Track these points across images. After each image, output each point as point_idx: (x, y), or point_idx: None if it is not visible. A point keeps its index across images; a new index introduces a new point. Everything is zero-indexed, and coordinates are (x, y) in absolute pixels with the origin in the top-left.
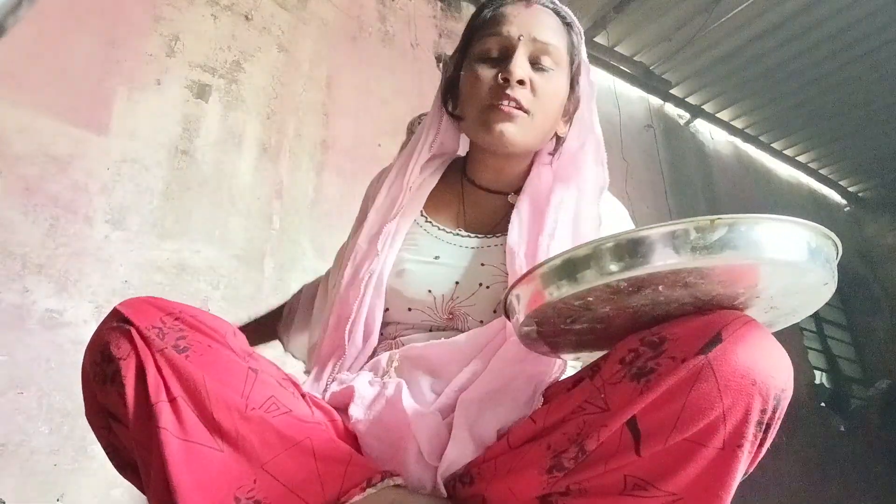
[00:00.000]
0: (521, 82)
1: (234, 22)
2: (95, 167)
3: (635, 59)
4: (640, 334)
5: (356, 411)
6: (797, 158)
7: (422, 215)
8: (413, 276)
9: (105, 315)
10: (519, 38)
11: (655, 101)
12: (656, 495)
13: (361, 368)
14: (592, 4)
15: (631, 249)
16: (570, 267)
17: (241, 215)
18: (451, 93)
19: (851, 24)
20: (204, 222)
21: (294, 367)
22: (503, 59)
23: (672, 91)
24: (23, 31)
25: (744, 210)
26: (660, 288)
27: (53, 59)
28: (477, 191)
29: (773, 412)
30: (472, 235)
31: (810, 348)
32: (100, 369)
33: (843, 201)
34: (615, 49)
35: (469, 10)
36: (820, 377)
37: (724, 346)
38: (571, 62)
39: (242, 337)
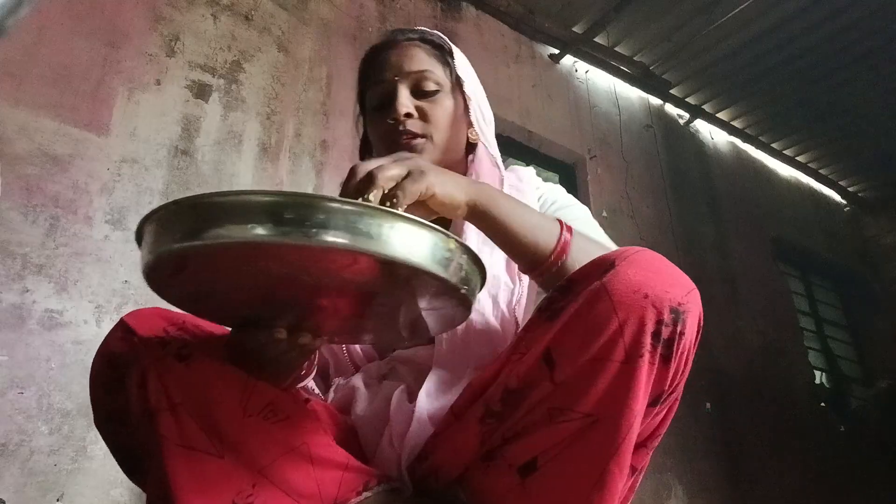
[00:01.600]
0: (408, 115)
1: (234, 22)
2: (95, 167)
3: (635, 59)
4: (557, 286)
5: (358, 406)
6: (797, 158)
7: None
8: None
9: (105, 315)
10: (395, 79)
11: (655, 101)
12: (574, 418)
13: (356, 372)
14: (592, 4)
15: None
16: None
17: None
18: (368, 148)
19: (851, 24)
20: None
21: None
22: (389, 102)
23: (672, 91)
24: (23, 31)
25: (744, 209)
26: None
27: (53, 59)
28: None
29: (674, 326)
30: None
31: (810, 348)
32: (105, 378)
33: (843, 201)
34: (615, 49)
35: (469, 10)
36: (820, 377)
37: (616, 269)
38: (452, 78)
39: None
